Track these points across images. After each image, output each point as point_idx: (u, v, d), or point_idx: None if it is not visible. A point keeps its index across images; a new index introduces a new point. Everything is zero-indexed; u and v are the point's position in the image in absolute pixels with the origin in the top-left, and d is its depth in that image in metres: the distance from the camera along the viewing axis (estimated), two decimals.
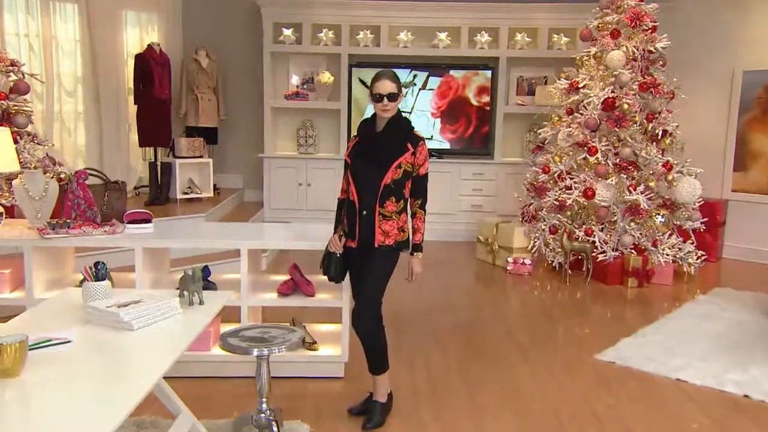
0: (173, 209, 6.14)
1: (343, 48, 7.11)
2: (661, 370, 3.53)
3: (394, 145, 2.85)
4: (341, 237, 2.98)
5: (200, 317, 2.26)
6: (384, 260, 2.90)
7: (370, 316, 2.89)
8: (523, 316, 4.74)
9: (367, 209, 2.87)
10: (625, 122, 5.53)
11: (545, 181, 5.92)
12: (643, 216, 5.47)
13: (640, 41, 5.63)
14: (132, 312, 2.11)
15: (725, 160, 6.55)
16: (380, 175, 2.83)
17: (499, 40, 7.16)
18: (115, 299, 2.22)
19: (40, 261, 3.32)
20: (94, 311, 2.14)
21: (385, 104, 2.83)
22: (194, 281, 2.34)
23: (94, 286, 2.27)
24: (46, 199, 3.43)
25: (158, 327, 2.14)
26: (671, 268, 5.53)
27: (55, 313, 2.27)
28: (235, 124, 7.47)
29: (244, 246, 3.30)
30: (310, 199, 7.22)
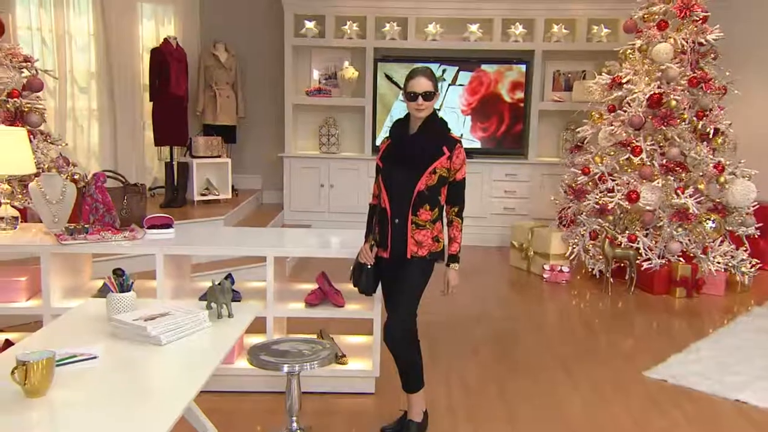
0: (190, 212, 6.17)
1: (368, 41, 7.10)
2: (718, 390, 3.45)
3: (428, 148, 2.82)
4: (372, 246, 2.95)
5: (230, 331, 2.25)
6: (417, 272, 2.86)
7: (403, 331, 2.86)
8: (563, 327, 4.68)
9: (399, 217, 2.83)
10: (673, 120, 5.44)
11: (584, 183, 5.84)
12: (692, 221, 5.38)
13: (690, 33, 5.54)
14: (160, 326, 2.10)
15: None
16: (413, 180, 2.79)
17: (535, 33, 7.09)
18: (141, 312, 2.21)
19: (57, 268, 3.34)
20: (120, 325, 2.14)
21: (420, 104, 2.80)
22: (223, 293, 2.33)
23: (118, 297, 2.27)
24: (64, 202, 3.45)
25: (187, 342, 2.13)
26: (723, 278, 5.43)
27: (78, 326, 2.27)
28: (253, 122, 7.50)
29: (270, 253, 3.28)
30: (333, 201, 7.21)
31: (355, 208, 7.17)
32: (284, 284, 3.68)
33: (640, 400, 3.43)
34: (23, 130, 3.50)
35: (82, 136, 6.66)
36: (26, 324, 3.93)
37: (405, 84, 2.86)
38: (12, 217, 3.44)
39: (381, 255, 2.93)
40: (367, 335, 3.83)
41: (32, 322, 3.87)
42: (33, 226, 3.68)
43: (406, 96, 2.84)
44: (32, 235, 3.43)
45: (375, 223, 2.97)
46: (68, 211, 3.47)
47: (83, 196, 3.49)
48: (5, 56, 4.86)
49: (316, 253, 3.37)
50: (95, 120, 6.73)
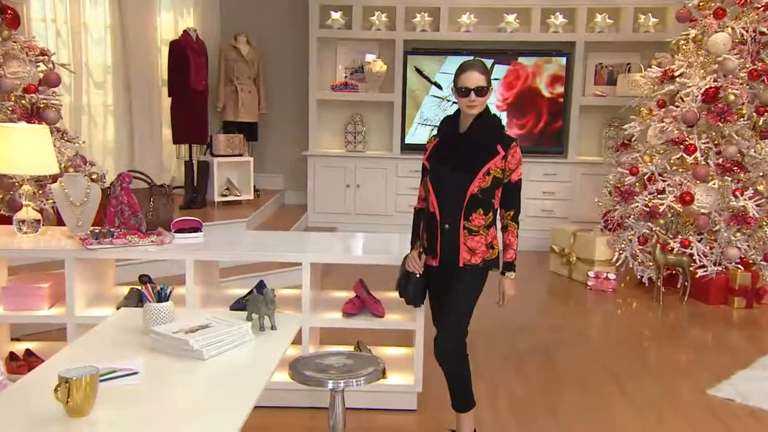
0: (211, 213, 6.17)
1: (397, 33, 7.06)
2: None
3: (481, 147, 2.76)
4: (421, 254, 2.90)
5: (275, 345, 2.21)
6: (470, 282, 2.81)
7: (455, 346, 2.82)
8: (611, 339, 4.60)
9: (450, 223, 2.78)
10: (730, 116, 5.32)
11: (632, 184, 5.74)
12: (751, 225, 5.25)
13: (750, 21, 5.41)
14: (202, 339, 2.07)
15: None
16: (466, 183, 2.74)
17: (576, 23, 7.00)
18: (180, 323, 2.19)
19: (80, 274, 3.33)
20: (160, 337, 2.11)
21: (473, 99, 2.75)
22: (267, 304, 2.30)
23: (156, 308, 2.25)
24: (88, 205, 3.44)
25: (231, 356, 2.10)
26: None
27: (113, 337, 2.25)
28: (276, 119, 7.49)
29: (307, 260, 3.25)
30: (359, 203, 7.18)
31: (383, 210, 7.14)
32: (318, 292, 3.64)
33: (705, 422, 3.34)
34: (46, 128, 3.50)
35: (97, 134, 6.69)
36: (46, 332, 3.93)
37: (455, 78, 2.81)
38: (34, 220, 3.44)
39: (429, 263, 2.88)
40: (406, 347, 3.79)
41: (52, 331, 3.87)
42: (55, 230, 3.69)
43: (456, 91, 2.79)
44: (55, 239, 3.43)
45: (422, 229, 2.92)
46: (93, 214, 3.46)
47: (108, 198, 3.48)
48: (21, 49, 4.88)
49: (356, 260, 3.33)
50: (111, 116, 6.76)
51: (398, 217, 7.08)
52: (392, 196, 7.12)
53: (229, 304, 3.47)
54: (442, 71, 7.08)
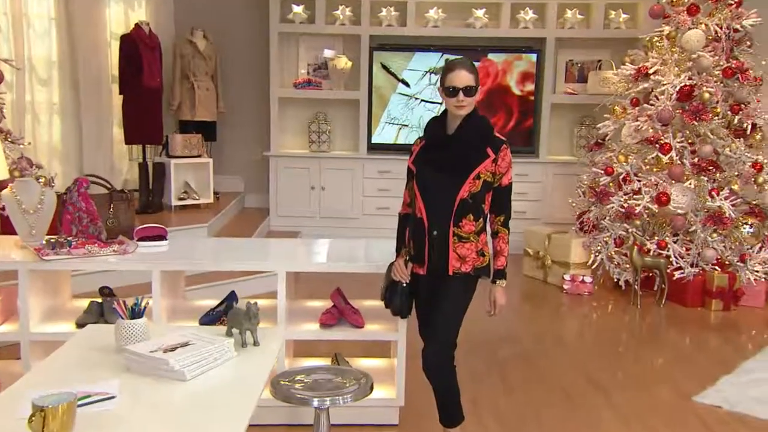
0: (168, 219, 6.04)
1: (362, 28, 7.01)
2: None
3: (471, 150, 2.75)
4: (407, 262, 2.87)
5: (260, 362, 2.15)
6: (459, 291, 2.79)
7: (444, 358, 2.80)
8: (593, 345, 4.64)
9: (438, 229, 2.76)
10: (705, 114, 5.44)
11: (607, 185, 5.81)
12: (727, 226, 5.38)
13: (724, 18, 5.54)
14: (183, 358, 1.99)
15: None
16: (455, 187, 2.72)
17: (546, 18, 7.06)
18: (157, 341, 2.10)
19: (35, 287, 3.20)
20: (136, 357, 2.02)
21: (461, 100, 2.72)
22: (249, 318, 2.23)
23: (130, 325, 2.16)
24: (42, 212, 3.31)
25: (214, 376, 2.03)
26: (763, 288, 5.43)
27: (82, 358, 2.15)
28: (235, 118, 7.37)
29: (283, 268, 3.18)
30: (324, 205, 7.11)
31: (349, 213, 7.09)
32: (292, 302, 3.57)
33: (693, 430, 3.39)
34: None
35: (42, 134, 6.46)
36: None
37: (442, 77, 2.78)
38: None
39: (416, 271, 2.85)
40: (384, 358, 3.75)
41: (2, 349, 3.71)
42: (3, 239, 3.53)
43: (444, 91, 2.76)
44: (5, 249, 3.29)
45: (408, 236, 2.89)
46: (47, 222, 3.33)
47: (64, 205, 3.35)
48: None
49: (338, 268, 3.27)
50: (57, 115, 6.54)
51: (365, 220, 7.05)
52: (359, 199, 7.07)
53: (196, 317, 3.39)
54: (409, 68, 7.06)
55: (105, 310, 3.31)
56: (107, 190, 3.54)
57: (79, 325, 3.20)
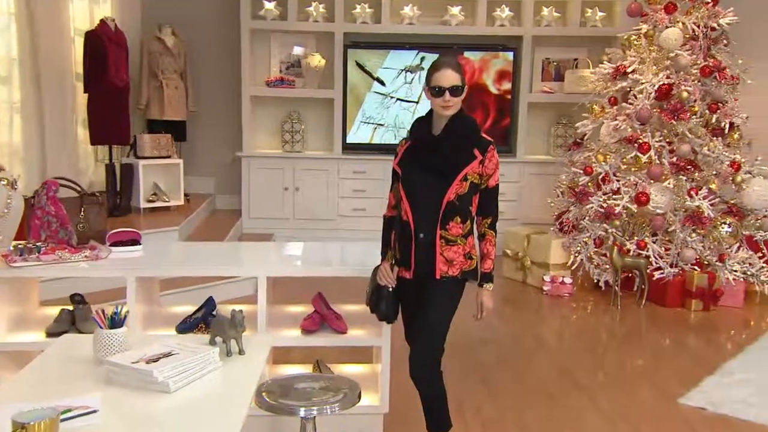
0: (136, 222, 5.94)
1: (336, 25, 6.99)
2: (765, 419, 3.49)
3: (457, 151, 2.74)
4: (393, 266, 2.85)
5: (247, 372, 2.11)
6: (447, 295, 2.79)
7: (431, 365, 2.79)
8: (575, 347, 4.68)
9: (425, 232, 2.75)
10: (684, 113, 5.51)
11: (586, 185, 5.86)
12: (706, 225, 5.46)
13: (701, 17, 5.63)
14: (167, 369, 1.95)
15: None
16: (442, 189, 2.71)
17: (523, 16, 7.11)
18: (138, 352, 2.06)
19: (1, 295, 3.12)
20: (118, 369, 1.98)
21: (447, 100, 2.72)
22: (234, 326, 2.19)
23: (110, 335, 2.11)
24: (9, 216, 3.22)
25: (199, 387, 1.99)
26: (741, 288, 5.52)
27: (59, 370, 2.10)
28: (206, 117, 7.29)
29: (263, 273, 3.15)
30: (298, 207, 7.07)
31: (324, 215, 7.06)
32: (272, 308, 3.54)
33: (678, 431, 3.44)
34: None
35: (2, 134, 6.32)
36: None
37: (428, 77, 2.78)
38: None
39: (402, 275, 2.84)
40: (366, 363, 3.73)
41: None
42: None
43: (429, 91, 2.76)
44: None
45: (393, 239, 2.88)
46: (15, 227, 3.24)
47: (32, 209, 3.28)
48: None
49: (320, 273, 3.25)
50: (18, 115, 6.39)
51: (340, 222, 7.03)
52: (334, 200, 7.05)
53: (173, 324, 3.33)
54: (384, 66, 7.06)
55: (77, 319, 3.24)
56: (77, 194, 3.47)
57: (50, 334, 3.13)
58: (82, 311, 3.27)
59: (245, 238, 6.74)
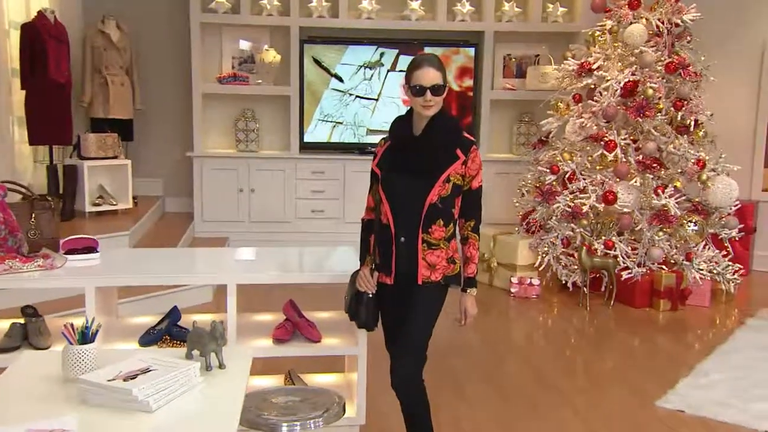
0: (82, 227, 5.76)
1: (292, 19, 6.91)
2: (742, 420, 3.57)
3: (440, 151, 2.73)
4: (372, 271, 2.82)
5: (230, 386, 2.06)
6: (429, 301, 2.78)
7: (414, 374, 2.77)
8: (548, 351, 4.73)
9: (406, 235, 2.73)
10: (649, 111, 5.63)
11: (553, 184, 5.94)
12: (673, 224, 5.58)
13: (665, 13, 5.75)
14: (147, 387, 1.89)
15: (755, 153, 6.79)
16: (424, 191, 2.70)
17: (484, 11, 7.15)
18: (112, 368, 1.99)
19: None
20: (93, 387, 1.90)
21: (428, 99, 2.70)
22: (215, 338, 2.13)
23: (80, 351, 2.03)
24: None
25: (181, 404, 1.93)
26: (708, 286, 5.66)
27: (26, 390, 2.01)
28: (154, 115, 7.13)
29: (233, 280, 3.08)
30: (254, 209, 6.97)
31: (281, 217, 6.97)
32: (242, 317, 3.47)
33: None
34: None
35: None
36: None
37: (408, 75, 2.75)
38: None
39: (382, 281, 2.81)
40: (337, 372, 3.70)
41: None
42: None
43: (410, 90, 2.73)
44: None
45: (371, 242, 2.85)
46: None
47: None
48: None
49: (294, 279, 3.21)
50: None
51: (298, 224, 6.96)
52: (291, 201, 6.97)
53: (134, 336, 3.24)
54: (342, 62, 7.01)
55: (29, 333, 3.12)
56: (27, 198, 3.34)
57: (2, 350, 3.01)
58: (36, 325, 3.15)
59: (198, 243, 6.62)
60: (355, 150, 7.08)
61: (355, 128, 7.08)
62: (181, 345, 3.15)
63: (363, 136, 7.11)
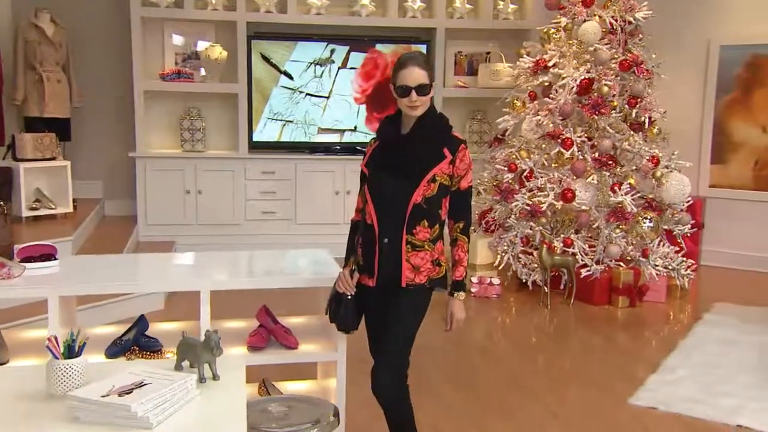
0: (18, 232, 5.50)
1: (238, 14, 6.80)
2: (714, 415, 3.66)
3: (426, 151, 2.71)
4: (353, 272, 2.79)
5: (228, 398, 1.98)
6: (413, 304, 2.75)
7: (396, 377, 2.74)
8: (516, 352, 4.76)
9: (389, 236, 2.70)
10: (605, 108, 5.75)
11: (511, 182, 6.00)
12: (629, 221, 5.71)
13: (618, 10, 5.88)
14: (145, 402, 1.80)
15: (701, 150, 7.03)
16: (408, 191, 2.67)
17: (435, 7, 7.18)
18: (104, 383, 1.89)
19: None
20: (86, 405, 1.80)
21: (414, 99, 2.67)
22: (210, 349, 2.06)
23: (67, 366, 1.92)
24: None
25: (180, 420, 1.84)
26: (664, 282, 5.82)
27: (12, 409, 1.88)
28: (93, 114, 6.92)
29: (207, 287, 2.99)
30: (202, 212, 6.82)
31: (230, 219, 6.85)
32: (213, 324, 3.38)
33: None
34: None
35: None
36: None
37: (393, 74, 2.72)
38: None
39: (365, 283, 2.77)
40: (310, 380, 3.64)
41: None
42: None
43: (395, 90, 2.70)
44: None
45: (357, 243, 2.81)
46: None
47: None
48: None
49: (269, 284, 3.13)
50: None
51: (249, 227, 6.84)
52: (241, 203, 6.84)
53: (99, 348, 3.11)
54: (292, 59, 6.93)
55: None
56: None
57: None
58: None
59: (143, 248, 6.43)
60: (306, 149, 7.01)
61: (305, 127, 7.01)
62: (152, 356, 3.05)
63: (314, 135, 7.05)
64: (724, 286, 6.36)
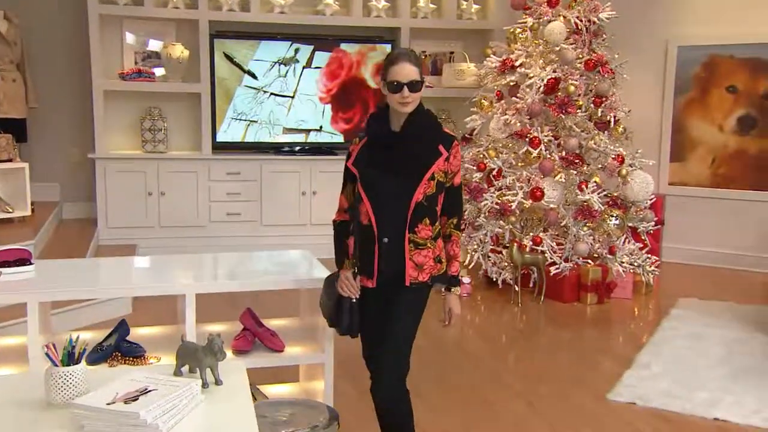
0: None
1: (200, 12, 6.69)
2: (690, 409, 3.73)
3: (423, 148, 2.70)
4: (355, 274, 2.76)
5: (234, 403, 1.94)
6: (415, 303, 2.76)
7: (397, 378, 2.73)
8: (491, 349, 4.78)
9: (390, 236, 2.68)
10: (571, 107, 5.83)
11: (480, 181, 6.04)
12: (596, 219, 5.80)
13: (583, 10, 5.97)
14: (153, 408, 1.75)
15: (661, 148, 7.18)
16: (409, 190, 2.66)
17: (399, 7, 7.19)
18: (107, 390, 1.83)
19: None
20: (91, 413, 1.74)
21: (405, 96, 2.67)
22: (213, 353, 2.01)
23: (67, 373, 1.86)
24: None
25: (190, 426, 1.80)
26: (630, 279, 5.92)
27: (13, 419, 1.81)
28: (50, 114, 6.74)
29: (192, 290, 2.93)
30: (165, 214, 6.68)
31: (194, 221, 6.74)
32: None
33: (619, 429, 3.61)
34: None
35: None
36: None
37: (384, 70, 2.72)
38: None
39: (364, 284, 2.75)
40: (291, 383, 3.60)
41: None
42: None
43: (387, 86, 2.69)
44: None
45: (346, 245, 2.78)
46: None
47: None
48: None
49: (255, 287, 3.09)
50: None
51: (213, 229, 6.75)
52: (205, 204, 6.73)
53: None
54: (255, 58, 6.86)
55: None
56: None
57: None
58: None
59: (104, 251, 6.27)
60: (271, 150, 6.95)
61: (270, 127, 6.94)
62: (135, 361, 2.98)
63: (279, 135, 6.98)
64: (686, 282, 6.50)
